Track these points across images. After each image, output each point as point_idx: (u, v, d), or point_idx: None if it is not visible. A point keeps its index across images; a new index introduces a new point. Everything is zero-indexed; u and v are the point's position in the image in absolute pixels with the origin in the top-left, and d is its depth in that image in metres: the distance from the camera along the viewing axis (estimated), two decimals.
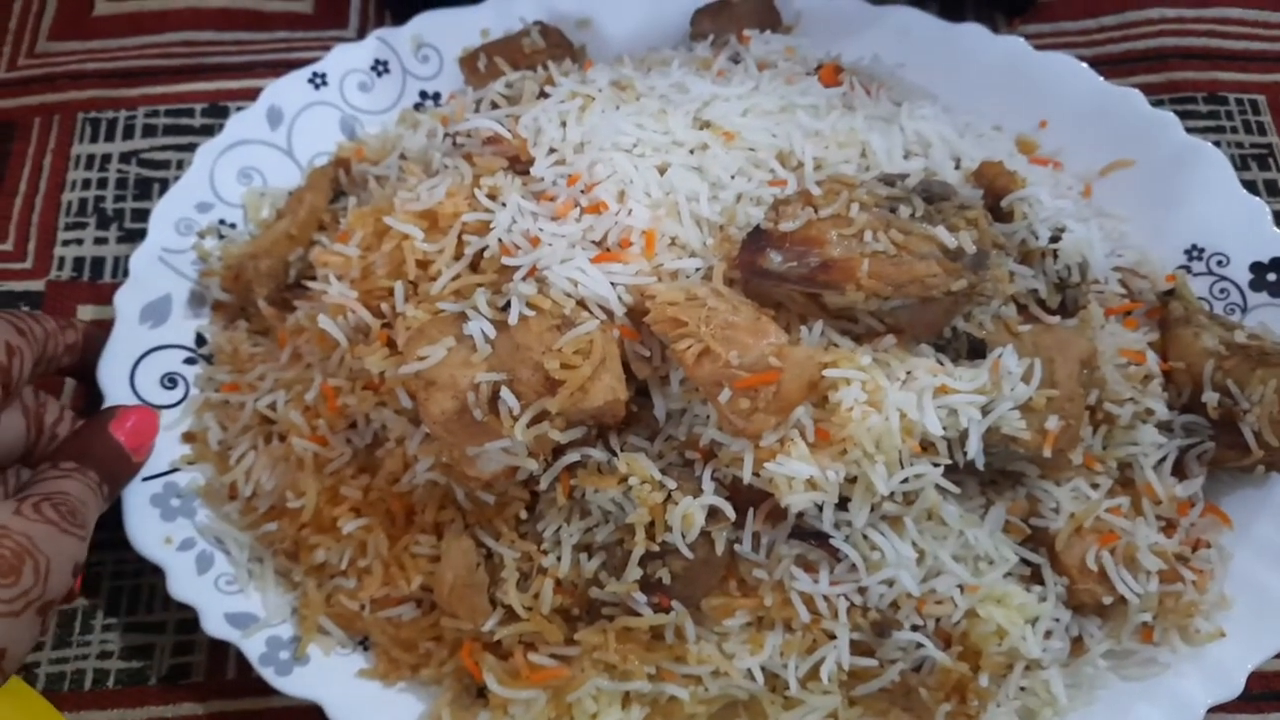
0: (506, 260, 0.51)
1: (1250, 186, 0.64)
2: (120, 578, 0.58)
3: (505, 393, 0.47)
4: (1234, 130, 0.71)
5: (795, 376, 0.47)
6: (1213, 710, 0.52)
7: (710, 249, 0.51)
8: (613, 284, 0.49)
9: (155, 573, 0.56)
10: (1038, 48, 0.67)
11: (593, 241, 0.51)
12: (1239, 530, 0.56)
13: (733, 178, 0.53)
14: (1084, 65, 0.66)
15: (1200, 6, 0.75)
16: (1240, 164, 0.69)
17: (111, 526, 0.57)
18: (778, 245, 0.49)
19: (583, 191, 0.51)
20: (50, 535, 0.45)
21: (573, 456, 0.50)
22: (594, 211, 0.51)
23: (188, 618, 0.56)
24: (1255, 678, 0.54)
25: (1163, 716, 0.51)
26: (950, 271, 0.49)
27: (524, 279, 0.50)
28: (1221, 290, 0.62)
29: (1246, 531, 0.56)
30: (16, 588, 0.43)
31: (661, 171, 0.52)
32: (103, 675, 0.56)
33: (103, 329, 0.57)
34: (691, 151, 0.53)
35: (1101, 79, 0.66)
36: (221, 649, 0.56)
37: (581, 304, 0.49)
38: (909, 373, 0.49)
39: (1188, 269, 0.62)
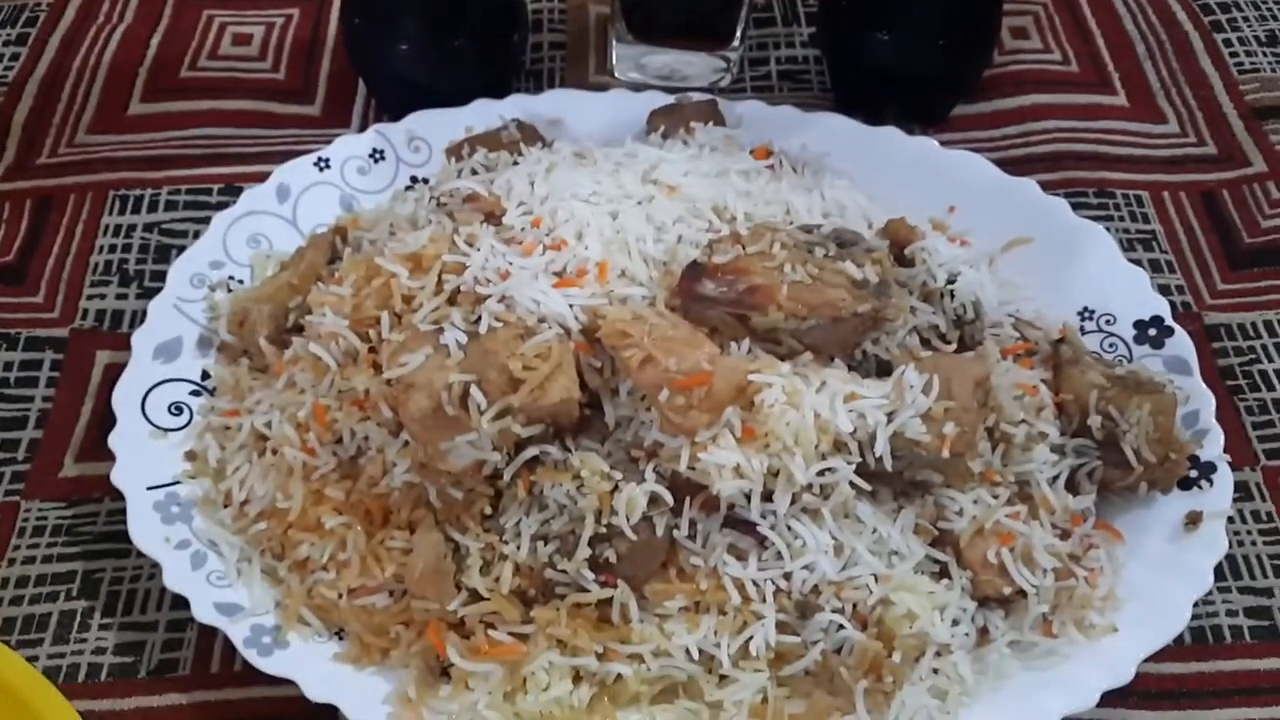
0: (480, 289, 0.59)
1: (1137, 264, 0.74)
2: (118, 583, 0.63)
3: (474, 390, 0.55)
4: (1121, 219, 0.81)
5: (725, 380, 0.55)
6: (1111, 705, 0.57)
7: (655, 280, 0.60)
8: (570, 305, 0.57)
9: (150, 579, 0.63)
10: None
11: (554, 272, 0.59)
12: (1130, 544, 0.63)
13: (674, 224, 0.62)
14: (985, 159, 0.77)
15: (1090, 119, 0.86)
16: (1128, 246, 0.79)
17: (111, 537, 0.64)
18: (711, 275, 0.58)
19: (546, 233, 0.61)
20: None
21: (532, 452, 0.56)
22: (556, 248, 0.60)
23: (178, 619, 0.62)
24: (1153, 678, 0.61)
25: (1060, 700, 0.56)
26: (857, 297, 0.58)
27: (494, 301, 0.58)
28: (1110, 344, 0.70)
29: (1137, 545, 0.63)
30: None
31: (614, 217, 0.61)
32: (95, 669, 0.60)
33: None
34: (640, 202, 0.63)
35: (1000, 171, 0.77)
36: (207, 645, 0.61)
37: (542, 320, 0.57)
38: (824, 382, 0.56)
39: (1081, 328, 0.71)
